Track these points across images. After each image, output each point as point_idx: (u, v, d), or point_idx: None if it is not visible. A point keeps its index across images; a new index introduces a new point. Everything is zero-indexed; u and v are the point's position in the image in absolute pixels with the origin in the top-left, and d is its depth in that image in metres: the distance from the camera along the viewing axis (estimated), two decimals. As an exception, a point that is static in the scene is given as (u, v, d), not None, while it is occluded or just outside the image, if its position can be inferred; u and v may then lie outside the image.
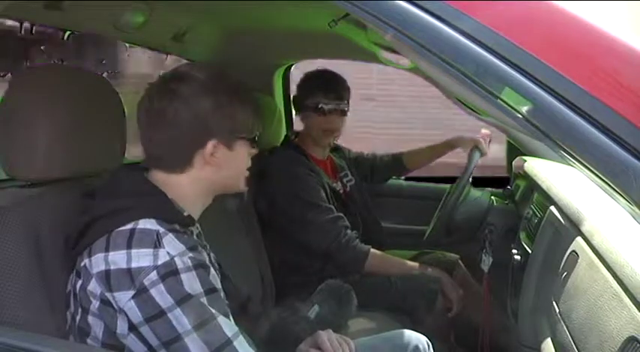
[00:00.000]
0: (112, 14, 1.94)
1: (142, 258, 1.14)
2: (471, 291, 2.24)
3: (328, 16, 2.00)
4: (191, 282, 1.15)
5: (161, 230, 1.17)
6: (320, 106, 2.27)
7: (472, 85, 1.01)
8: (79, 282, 1.20)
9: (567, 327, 1.11)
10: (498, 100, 1.01)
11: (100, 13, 1.91)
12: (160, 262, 1.13)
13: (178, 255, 1.15)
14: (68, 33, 2.01)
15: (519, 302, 1.50)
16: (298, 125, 2.54)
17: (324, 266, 2.18)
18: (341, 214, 2.21)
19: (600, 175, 1.02)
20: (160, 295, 1.13)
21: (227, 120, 1.29)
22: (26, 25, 1.99)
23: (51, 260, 1.26)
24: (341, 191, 2.39)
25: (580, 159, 1.01)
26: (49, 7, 1.72)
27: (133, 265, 1.14)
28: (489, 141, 2.37)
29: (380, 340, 1.65)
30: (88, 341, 1.20)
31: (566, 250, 1.21)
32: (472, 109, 2.00)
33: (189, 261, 1.16)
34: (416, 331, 1.68)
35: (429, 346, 1.64)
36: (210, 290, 1.18)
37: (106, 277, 1.15)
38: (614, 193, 1.05)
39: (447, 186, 2.31)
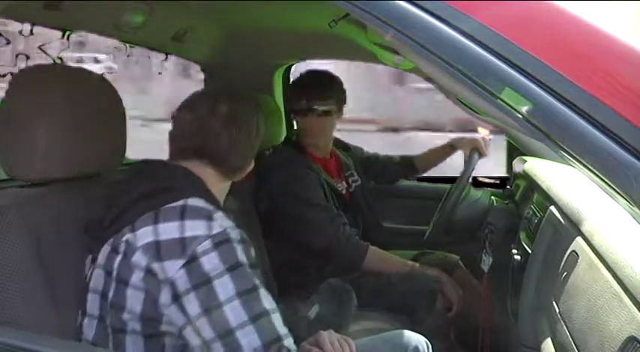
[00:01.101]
0: (112, 14, 1.94)
1: (196, 227, 1.20)
2: (471, 291, 2.23)
3: (328, 16, 2.00)
4: (242, 253, 1.21)
5: (211, 207, 1.25)
6: (303, 108, 2.28)
7: (472, 84, 1.01)
8: (118, 258, 1.22)
9: (567, 327, 1.12)
10: (498, 100, 1.01)
11: (100, 13, 1.91)
12: (214, 232, 1.19)
13: (230, 227, 1.22)
14: (68, 33, 2.01)
15: (519, 302, 1.50)
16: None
17: (324, 265, 2.18)
18: (340, 212, 2.21)
19: (600, 175, 1.02)
20: (211, 262, 1.17)
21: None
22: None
23: (51, 259, 1.27)
24: (344, 191, 2.39)
25: (580, 159, 1.01)
26: (49, 7, 1.72)
27: (187, 234, 1.19)
28: (489, 142, 2.37)
29: (380, 340, 1.65)
30: (125, 315, 1.22)
31: (566, 250, 1.21)
32: (472, 109, 2.00)
33: (239, 234, 1.23)
34: (416, 331, 1.68)
35: (428, 347, 1.64)
36: (254, 265, 1.23)
37: (155, 247, 1.19)
38: (614, 193, 1.05)
39: (447, 186, 2.31)
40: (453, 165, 2.59)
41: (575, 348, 1.06)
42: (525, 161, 1.95)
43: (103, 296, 1.25)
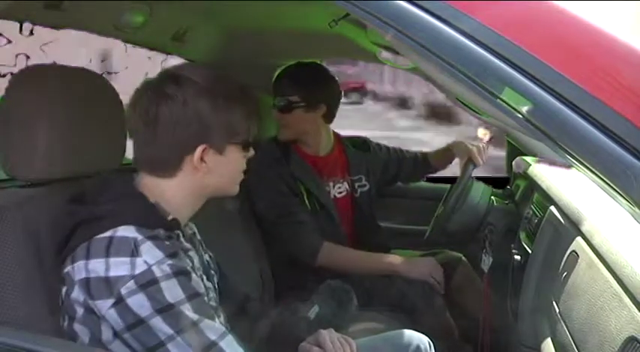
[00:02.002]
0: (112, 14, 1.94)
1: (119, 266, 1.14)
2: (473, 289, 2.23)
3: (328, 16, 2.00)
4: (171, 290, 1.14)
5: (139, 237, 1.16)
6: (270, 103, 2.29)
7: (472, 85, 1.01)
8: (64, 289, 1.19)
9: (567, 327, 1.12)
10: (498, 100, 1.01)
11: (100, 13, 1.91)
12: (137, 271, 1.13)
13: (156, 264, 1.14)
14: (68, 33, 2.01)
15: (519, 302, 1.50)
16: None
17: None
18: (297, 209, 2.19)
19: (600, 175, 1.02)
20: (139, 304, 1.12)
21: (217, 124, 1.27)
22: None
23: (51, 260, 1.26)
24: (344, 193, 2.35)
25: (580, 159, 1.01)
26: (49, 7, 1.72)
27: (111, 274, 1.13)
28: (487, 147, 2.34)
29: (380, 340, 1.65)
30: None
31: (566, 250, 1.21)
32: (472, 109, 2.00)
33: (168, 268, 1.15)
34: (416, 330, 1.68)
35: (430, 346, 1.64)
36: (192, 296, 1.17)
37: (87, 285, 1.15)
38: (614, 193, 1.05)
39: (447, 186, 2.31)
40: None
41: (575, 348, 1.06)
42: (525, 161, 1.95)
43: (62, 325, 1.22)
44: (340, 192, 2.36)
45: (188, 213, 1.34)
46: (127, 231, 1.17)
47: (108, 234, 1.17)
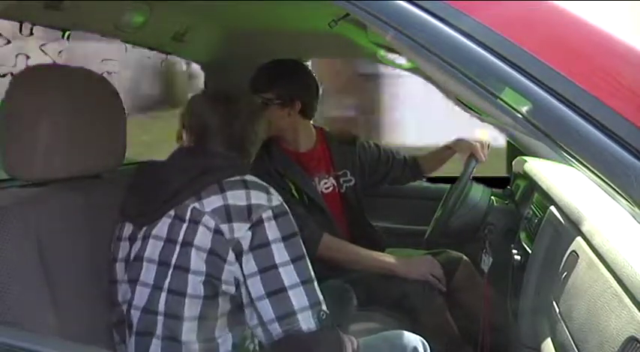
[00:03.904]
0: (112, 14, 1.94)
1: (259, 197, 1.35)
2: (475, 289, 2.22)
3: (328, 16, 2.00)
4: (291, 223, 1.37)
5: (265, 184, 1.40)
6: None
7: (472, 85, 1.01)
8: (184, 225, 1.33)
9: (567, 327, 1.12)
10: (498, 100, 1.01)
11: (100, 13, 1.92)
12: (274, 204, 1.35)
13: (283, 202, 1.38)
14: (68, 33, 2.01)
15: (519, 302, 1.50)
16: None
17: (319, 265, 2.16)
18: (290, 203, 2.16)
19: (600, 175, 1.02)
20: (271, 229, 1.32)
21: None
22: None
23: (51, 259, 1.27)
24: (330, 188, 2.33)
25: (580, 159, 1.01)
26: (49, 7, 1.72)
27: (253, 202, 1.34)
28: (488, 147, 2.34)
29: (379, 340, 1.65)
30: (189, 276, 1.31)
31: (566, 250, 1.21)
32: (472, 109, 2.01)
33: (286, 208, 1.38)
34: (416, 330, 1.68)
35: (426, 348, 1.65)
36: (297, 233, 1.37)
37: (226, 211, 1.32)
38: (614, 193, 1.05)
39: (447, 186, 2.31)
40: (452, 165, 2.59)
41: (575, 348, 1.06)
42: (525, 161, 1.95)
43: (161, 263, 1.34)
44: (327, 188, 2.32)
45: None
46: (253, 178, 1.39)
47: (238, 177, 1.37)
